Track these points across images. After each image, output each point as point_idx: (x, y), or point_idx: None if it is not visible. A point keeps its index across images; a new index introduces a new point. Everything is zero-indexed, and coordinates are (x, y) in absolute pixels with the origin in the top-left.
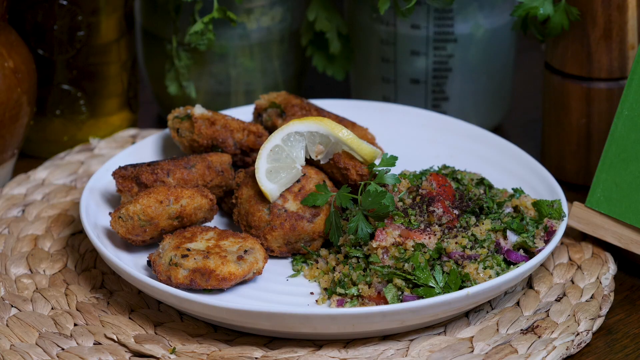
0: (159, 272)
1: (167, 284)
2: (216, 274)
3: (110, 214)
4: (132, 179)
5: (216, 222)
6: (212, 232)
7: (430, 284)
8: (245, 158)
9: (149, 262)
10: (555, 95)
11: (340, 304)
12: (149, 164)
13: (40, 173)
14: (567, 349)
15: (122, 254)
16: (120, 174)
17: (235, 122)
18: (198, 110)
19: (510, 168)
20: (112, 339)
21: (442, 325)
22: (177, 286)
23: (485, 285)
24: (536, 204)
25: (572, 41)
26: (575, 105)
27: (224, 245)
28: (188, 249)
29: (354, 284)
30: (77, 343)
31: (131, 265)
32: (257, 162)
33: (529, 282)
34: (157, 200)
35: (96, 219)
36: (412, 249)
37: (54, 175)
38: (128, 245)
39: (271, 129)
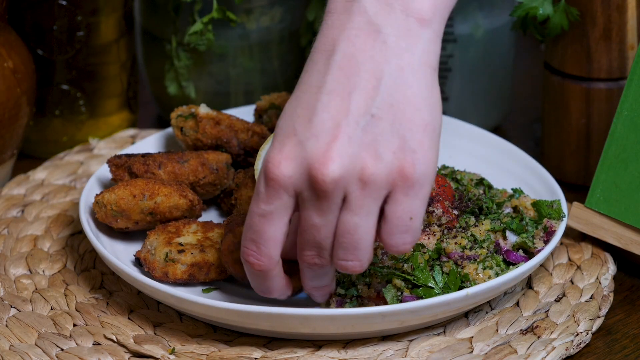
0: (154, 269)
1: (163, 281)
2: (216, 267)
3: (95, 195)
4: (124, 168)
5: (213, 220)
6: (195, 224)
7: (430, 285)
8: (248, 159)
9: (137, 260)
10: (555, 96)
11: (340, 304)
12: (143, 155)
13: (40, 173)
14: (566, 350)
15: (121, 254)
16: (114, 162)
17: (240, 123)
18: (203, 109)
19: (510, 168)
20: (112, 340)
21: (442, 325)
22: (175, 282)
23: (485, 285)
24: (536, 204)
25: (571, 41)
26: (575, 105)
27: (214, 237)
28: (181, 244)
29: (353, 285)
30: (77, 343)
31: (130, 265)
32: (256, 163)
33: (528, 283)
34: (132, 193)
35: (95, 219)
36: (412, 250)
37: (54, 175)
38: (127, 246)
39: (272, 130)
